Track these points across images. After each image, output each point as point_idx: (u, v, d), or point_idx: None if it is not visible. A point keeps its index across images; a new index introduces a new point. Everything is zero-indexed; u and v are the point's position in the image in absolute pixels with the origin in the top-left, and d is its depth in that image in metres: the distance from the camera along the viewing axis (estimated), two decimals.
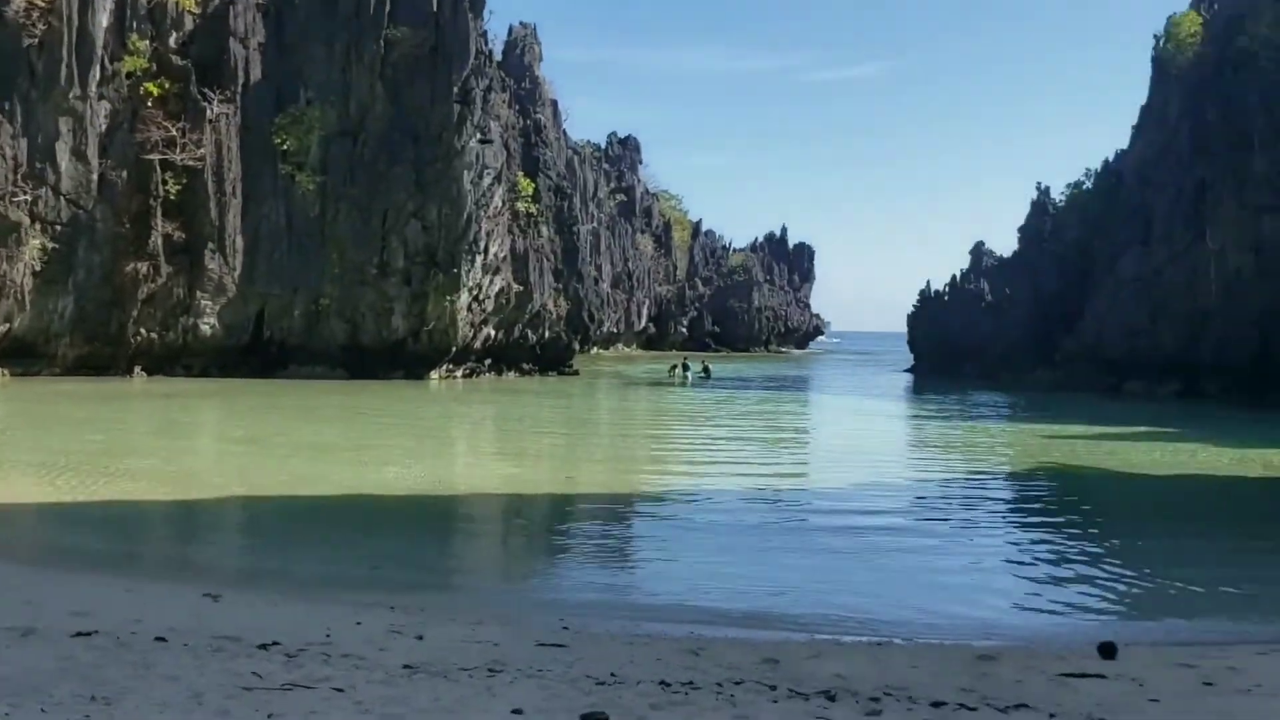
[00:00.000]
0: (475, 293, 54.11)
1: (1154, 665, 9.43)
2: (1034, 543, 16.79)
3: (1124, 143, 64.11)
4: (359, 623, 9.70)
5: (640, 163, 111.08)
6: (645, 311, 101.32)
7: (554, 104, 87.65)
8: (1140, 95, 63.22)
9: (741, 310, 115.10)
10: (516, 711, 6.61)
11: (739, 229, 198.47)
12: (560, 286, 66.27)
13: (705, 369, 64.31)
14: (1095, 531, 18.19)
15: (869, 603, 12.36)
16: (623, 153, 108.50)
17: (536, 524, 18.35)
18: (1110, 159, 65.71)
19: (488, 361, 57.75)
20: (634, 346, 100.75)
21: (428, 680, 7.41)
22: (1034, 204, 72.00)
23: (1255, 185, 49.50)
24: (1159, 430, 35.30)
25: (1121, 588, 14.12)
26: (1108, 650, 9.89)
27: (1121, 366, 54.49)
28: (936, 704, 7.54)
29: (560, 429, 34.09)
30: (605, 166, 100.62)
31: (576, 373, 62.00)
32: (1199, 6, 61.65)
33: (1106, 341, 55.77)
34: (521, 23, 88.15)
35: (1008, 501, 21.96)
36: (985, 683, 8.56)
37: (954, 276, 75.83)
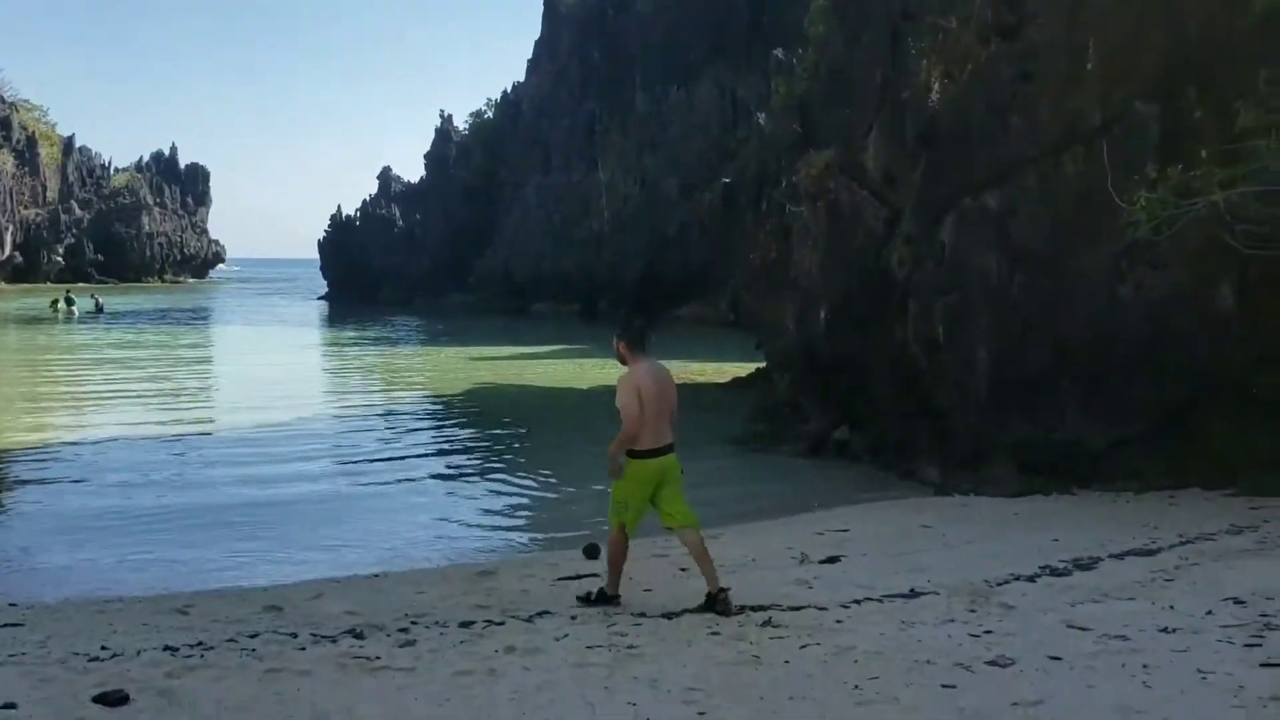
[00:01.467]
0: None
1: (635, 560, 10.00)
2: (484, 469, 16.83)
3: (522, 74, 67.61)
4: None
5: None
6: (10, 239, 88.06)
7: None
8: (536, 29, 66.87)
9: (130, 237, 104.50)
10: (9, 706, 5.26)
11: (121, 148, 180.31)
12: None
13: (96, 303, 58.04)
14: (534, 446, 18.99)
15: (333, 546, 11.69)
16: None
17: None
18: (509, 90, 68.97)
19: None
20: None
21: None
22: (438, 131, 73.59)
23: (639, 123, 54.73)
24: (570, 348, 38.12)
25: (577, 501, 14.68)
26: (592, 551, 10.29)
27: (529, 288, 57.98)
28: (465, 624, 7.46)
29: None
30: None
31: None
32: None
33: (515, 266, 58.97)
34: None
35: (445, 430, 21.85)
36: (497, 597, 8.70)
37: (364, 202, 75.37)
